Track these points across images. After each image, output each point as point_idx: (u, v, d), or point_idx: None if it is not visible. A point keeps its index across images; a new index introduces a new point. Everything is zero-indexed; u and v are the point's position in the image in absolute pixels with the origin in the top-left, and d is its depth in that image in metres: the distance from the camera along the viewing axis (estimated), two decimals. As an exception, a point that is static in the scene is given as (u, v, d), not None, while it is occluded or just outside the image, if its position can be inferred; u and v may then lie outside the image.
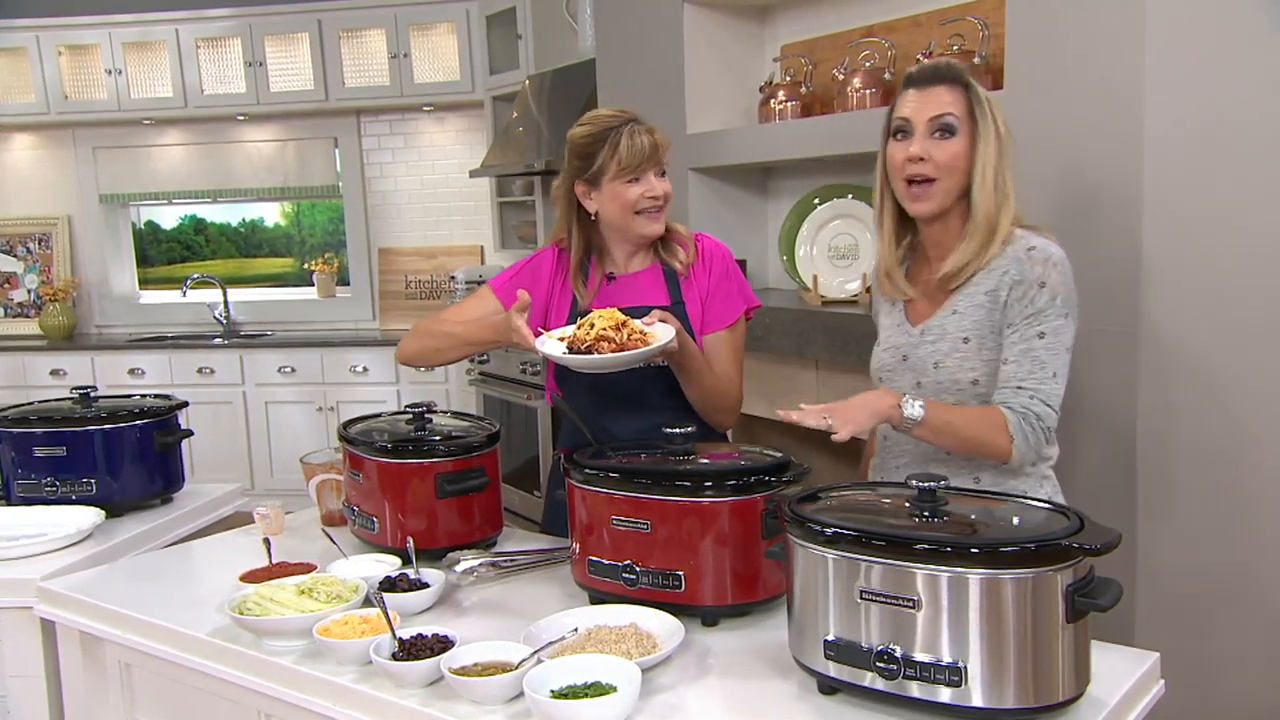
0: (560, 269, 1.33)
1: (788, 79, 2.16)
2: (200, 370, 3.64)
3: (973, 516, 0.89)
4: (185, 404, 1.68)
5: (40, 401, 1.66)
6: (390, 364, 3.57)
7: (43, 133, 3.98)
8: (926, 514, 0.88)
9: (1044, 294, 1.07)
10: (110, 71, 3.68)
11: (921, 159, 1.09)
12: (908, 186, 1.12)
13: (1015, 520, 0.89)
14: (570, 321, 1.27)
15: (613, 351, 1.12)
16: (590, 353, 1.12)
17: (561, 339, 1.17)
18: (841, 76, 1.98)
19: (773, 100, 2.13)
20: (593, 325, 1.13)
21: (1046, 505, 0.93)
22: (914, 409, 1.06)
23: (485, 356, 3.26)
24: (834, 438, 1.04)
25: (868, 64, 1.97)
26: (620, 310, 1.19)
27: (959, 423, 1.08)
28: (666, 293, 1.29)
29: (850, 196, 2.08)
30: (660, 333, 1.15)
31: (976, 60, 1.74)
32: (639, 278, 1.31)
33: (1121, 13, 1.36)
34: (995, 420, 1.07)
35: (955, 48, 1.79)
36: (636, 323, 1.15)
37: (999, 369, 1.10)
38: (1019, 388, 1.07)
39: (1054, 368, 1.08)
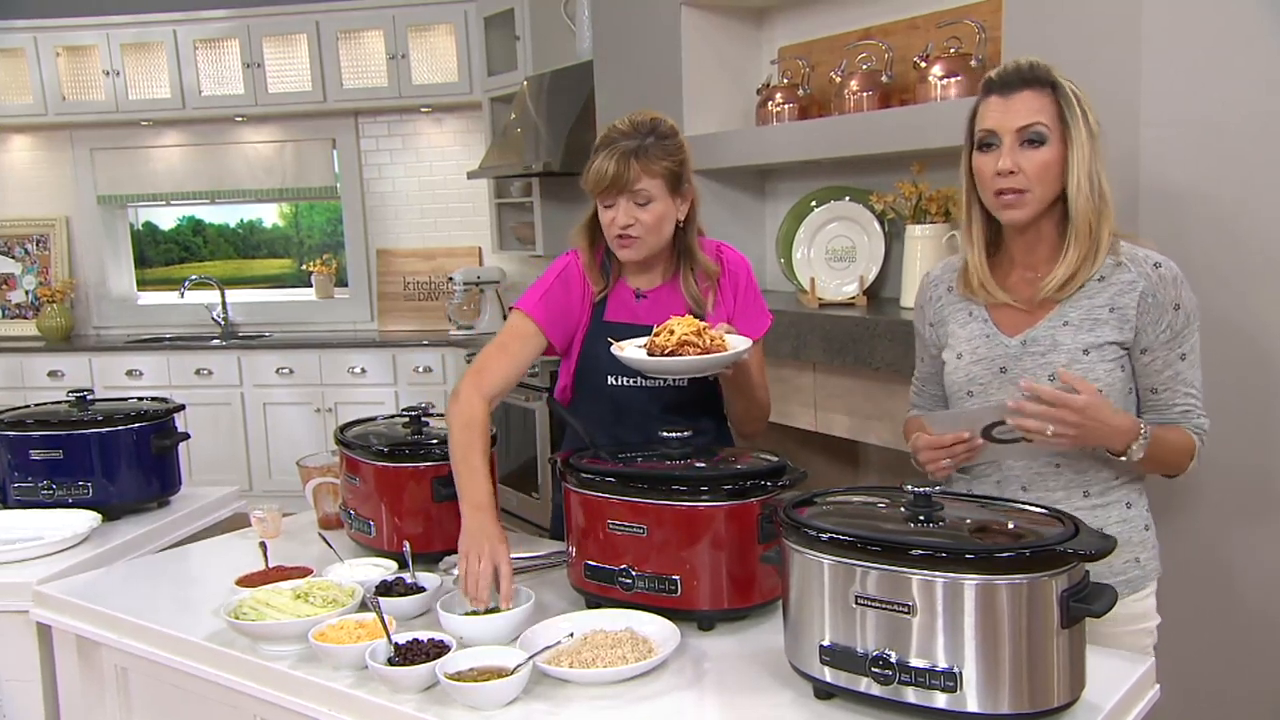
0: (587, 282, 1.27)
1: (785, 81, 2.17)
2: (198, 371, 3.64)
3: (968, 522, 0.89)
4: (182, 407, 1.68)
5: (37, 404, 1.67)
6: (388, 365, 3.57)
7: (40, 134, 3.98)
8: (922, 519, 0.88)
9: (1180, 316, 1.07)
10: (108, 72, 3.68)
11: (1012, 172, 1.04)
12: (998, 196, 1.06)
13: (1010, 526, 0.89)
14: (590, 334, 1.26)
15: (696, 355, 1.11)
16: (674, 357, 1.11)
17: (638, 347, 1.16)
18: (839, 79, 1.98)
19: (770, 102, 2.14)
20: (672, 332, 1.13)
21: (1042, 511, 0.92)
22: (1138, 450, 1.04)
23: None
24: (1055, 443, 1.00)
25: (865, 66, 1.97)
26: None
27: (1162, 453, 1.07)
28: (688, 312, 1.24)
29: (847, 199, 2.08)
30: (737, 342, 1.15)
31: (973, 63, 1.74)
32: (662, 294, 1.27)
33: (1118, 16, 1.36)
34: (1189, 447, 1.09)
35: (952, 50, 1.79)
36: (714, 330, 1.15)
37: (1143, 392, 1.09)
38: (1185, 412, 1.09)
39: (1196, 380, 1.09)
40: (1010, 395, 1.09)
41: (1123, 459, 1.05)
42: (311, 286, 4.06)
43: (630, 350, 1.17)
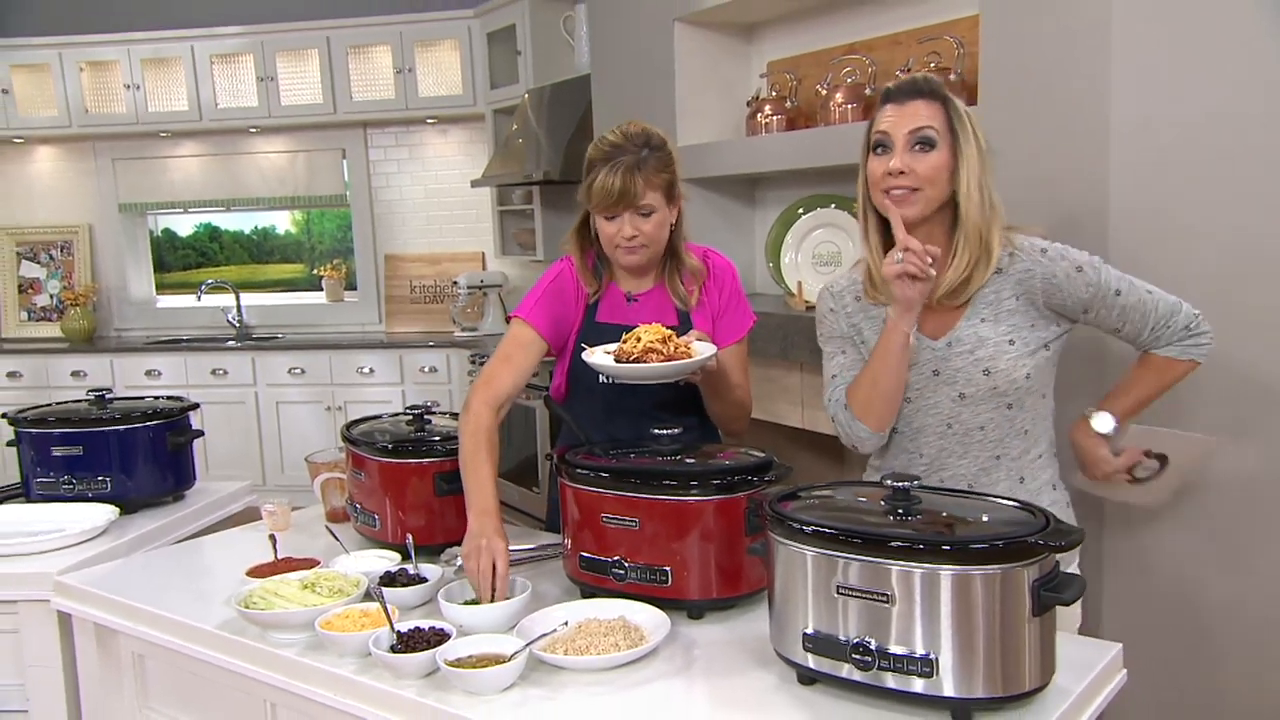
0: (581, 286, 1.31)
1: (774, 94, 2.20)
2: (214, 371, 3.71)
3: (944, 514, 0.92)
4: (196, 405, 1.73)
5: (58, 403, 1.71)
6: (395, 365, 3.63)
7: (65, 145, 4.07)
8: (901, 512, 0.91)
9: (1088, 271, 1.11)
10: (129, 86, 3.77)
11: (902, 172, 1.08)
12: (887, 194, 1.10)
13: (985, 518, 0.92)
14: (582, 335, 1.30)
15: (660, 362, 1.14)
16: (639, 363, 1.15)
17: (607, 353, 1.20)
18: (824, 92, 2.02)
19: (759, 114, 2.17)
20: (639, 339, 1.17)
21: (1015, 504, 0.95)
22: (1105, 424, 1.14)
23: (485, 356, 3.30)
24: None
25: (849, 80, 2.01)
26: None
27: (1142, 397, 1.15)
28: (676, 313, 1.30)
29: (833, 206, 2.11)
30: (702, 349, 1.19)
31: (952, 77, 1.77)
32: (652, 297, 1.31)
33: (1089, 32, 1.38)
34: (1162, 365, 1.14)
35: (932, 65, 1.83)
36: (680, 338, 1.18)
37: (1111, 336, 1.15)
38: (1152, 329, 1.13)
39: (1144, 295, 1.12)
40: (947, 396, 1.13)
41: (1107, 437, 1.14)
42: (322, 290, 4.13)
43: (599, 355, 1.20)
